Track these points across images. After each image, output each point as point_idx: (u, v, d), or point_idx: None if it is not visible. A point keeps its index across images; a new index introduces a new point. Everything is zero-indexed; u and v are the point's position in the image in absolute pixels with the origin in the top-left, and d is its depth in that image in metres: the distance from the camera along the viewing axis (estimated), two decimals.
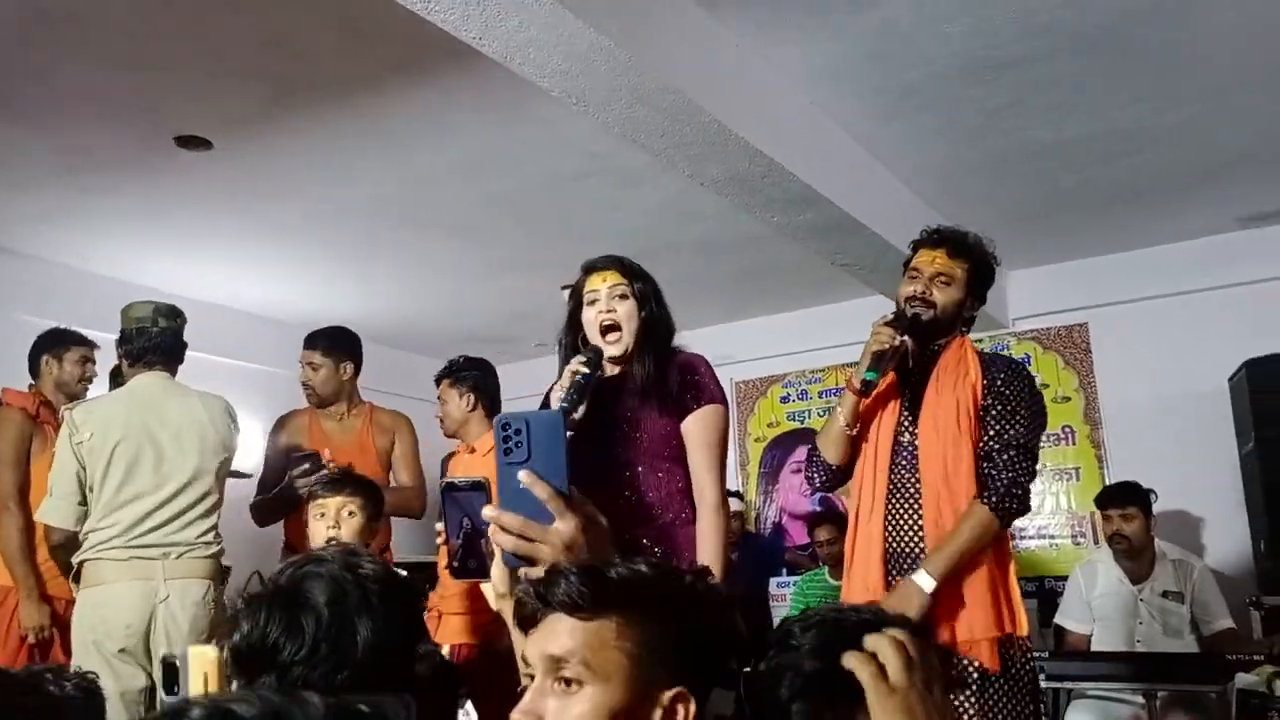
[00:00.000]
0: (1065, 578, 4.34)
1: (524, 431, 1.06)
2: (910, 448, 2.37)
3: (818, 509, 5.77)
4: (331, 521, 2.70)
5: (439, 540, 1.54)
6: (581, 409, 2.19)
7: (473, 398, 3.30)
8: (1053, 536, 5.15)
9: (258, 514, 3.50)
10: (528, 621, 1.07)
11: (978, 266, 2.45)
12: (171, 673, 1.48)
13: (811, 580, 4.96)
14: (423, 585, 1.63)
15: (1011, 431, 2.32)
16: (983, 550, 2.26)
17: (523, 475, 1.05)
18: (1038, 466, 2.37)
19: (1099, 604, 3.99)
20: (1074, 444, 5.20)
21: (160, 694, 1.76)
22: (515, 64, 2.57)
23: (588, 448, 2.32)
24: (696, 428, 2.34)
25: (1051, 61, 3.24)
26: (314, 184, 4.06)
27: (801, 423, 6.04)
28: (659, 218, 4.47)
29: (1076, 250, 5.10)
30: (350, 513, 2.72)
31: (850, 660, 0.99)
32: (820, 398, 5.97)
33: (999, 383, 2.36)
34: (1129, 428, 5.06)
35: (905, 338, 2.35)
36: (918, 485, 2.34)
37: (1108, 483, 4.75)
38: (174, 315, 3.18)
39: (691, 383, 2.36)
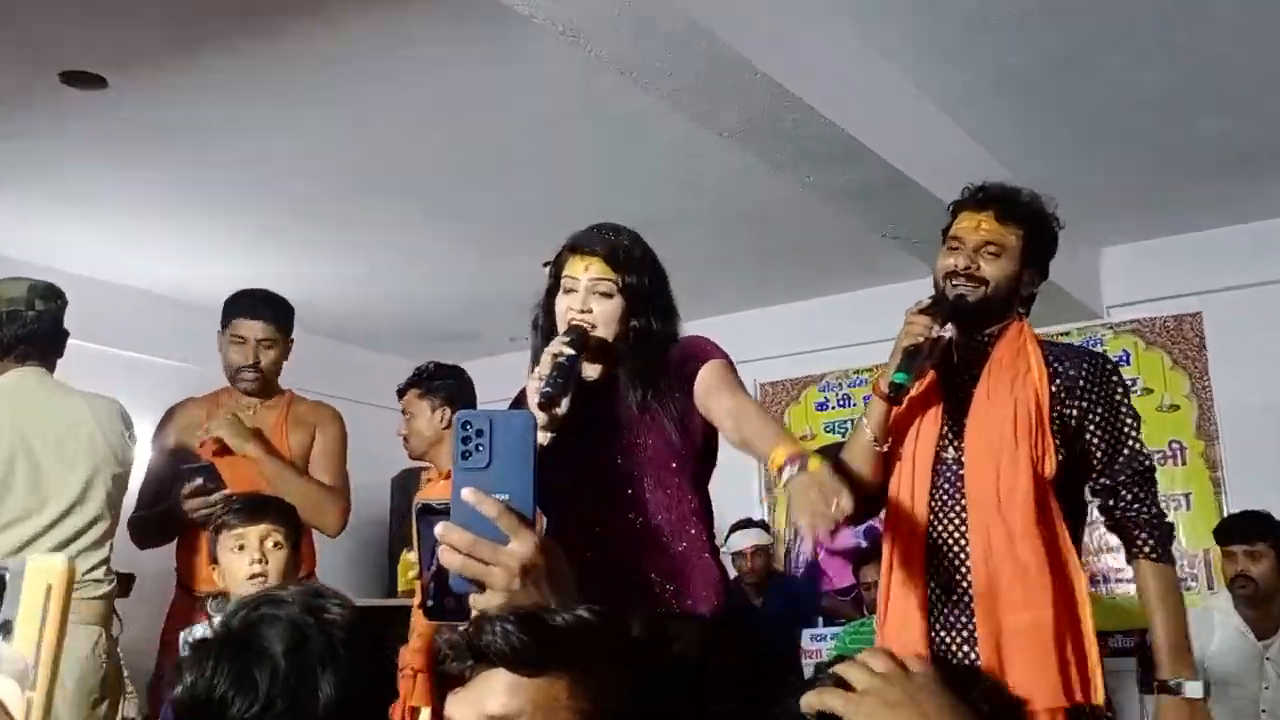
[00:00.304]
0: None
1: (486, 433, 1.10)
2: (955, 465, 2.36)
3: (864, 543, 5.78)
4: (255, 555, 2.72)
5: (412, 574, 1.57)
6: (566, 401, 2.18)
7: (447, 412, 3.30)
8: None
9: (137, 533, 3.50)
10: (452, 680, 1.09)
11: (1035, 231, 2.44)
12: None
13: (857, 633, 4.97)
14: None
15: (1126, 449, 2.34)
16: (1038, 595, 2.24)
17: (465, 493, 1.08)
18: None
19: (1215, 663, 4.00)
20: (1184, 464, 5.21)
21: None
22: None
23: (578, 454, 2.33)
24: (710, 380, 2.30)
25: None
26: (233, 134, 4.06)
27: (843, 434, 6.05)
28: (665, 181, 4.49)
29: (1187, 221, 5.11)
30: (276, 544, 2.75)
31: (811, 698, 0.99)
32: (866, 403, 5.98)
33: (1080, 380, 2.35)
34: (1253, 443, 5.06)
35: (946, 329, 2.34)
36: (963, 513, 2.33)
37: (1227, 512, 4.76)
38: (53, 296, 3.19)
39: (687, 355, 2.34)
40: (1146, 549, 2.30)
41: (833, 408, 6.12)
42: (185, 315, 5.63)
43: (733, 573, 5.35)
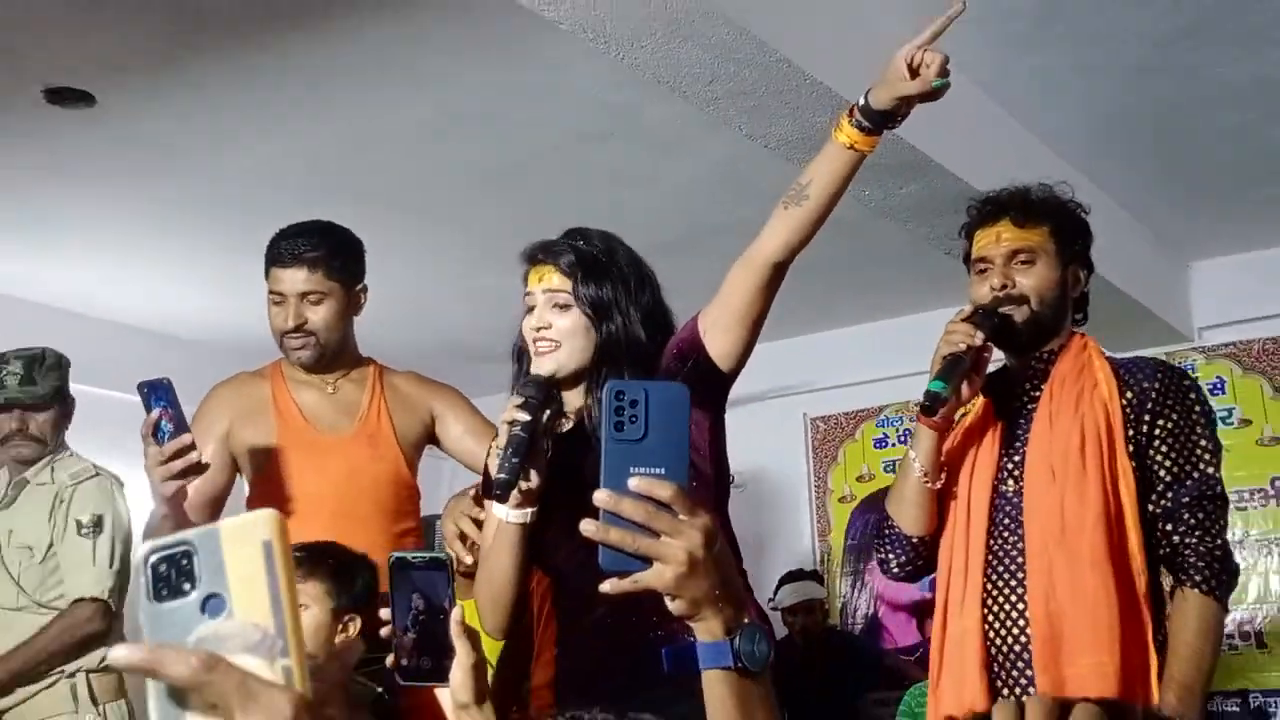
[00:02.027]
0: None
1: (641, 403, 1.14)
2: (1015, 499, 2.32)
3: (928, 594, 5.76)
4: None
5: (383, 631, 1.58)
6: (535, 477, 2.07)
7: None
8: (1261, 633, 5.11)
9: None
10: None
11: (1062, 223, 2.41)
12: None
13: (922, 697, 4.95)
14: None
15: (1197, 473, 2.28)
16: (1104, 636, 2.18)
17: (634, 483, 1.12)
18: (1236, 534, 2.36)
19: None
20: None
21: None
22: None
23: (573, 509, 2.21)
24: (703, 322, 2.21)
25: None
26: (228, 149, 4.12)
27: None
28: (703, 194, 4.51)
29: None
30: (301, 605, 2.70)
31: None
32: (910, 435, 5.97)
33: (1153, 394, 2.30)
34: None
35: (986, 340, 2.30)
36: (1022, 555, 2.29)
37: None
38: None
39: (671, 356, 2.21)
40: (1198, 578, 2.23)
41: (893, 444, 6.10)
42: (178, 349, 5.71)
43: (781, 630, 5.34)
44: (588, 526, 1.12)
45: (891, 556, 2.50)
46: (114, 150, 4.07)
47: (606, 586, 1.20)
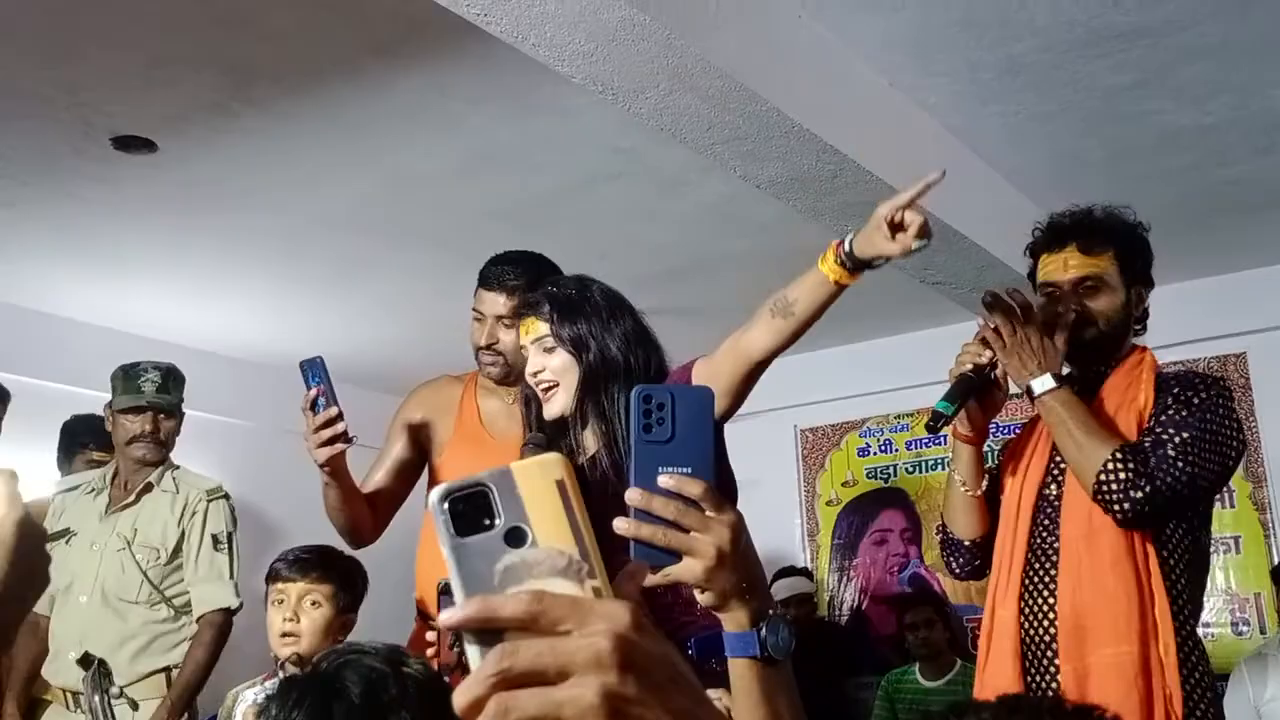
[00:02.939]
0: (1226, 677, 4.27)
1: (667, 406, 1.11)
2: (1056, 502, 2.29)
3: (907, 589, 5.74)
4: (289, 613, 2.72)
5: (430, 652, 1.59)
6: None
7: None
8: (1207, 624, 5.08)
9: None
10: None
11: (1126, 247, 2.35)
12: None
13: (899, 681, 4.92)
14: None
15: (1177, 439, 2.16)
16: (1124, 628, 2.15)
17: (664, 480, 1.10)
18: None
19: (1271, 709, 3.92)
20: (1232, 506, 5.13)
21: None
22: (528, 45, 2.62)
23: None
24: (703, 369, 2.22)
25: (1194, 26, 3.24)
26: (279, 191, 4.13)
27: (886, 480, 6.02)
28: (701, 228, 4.51)
29: (1231, 262, 5.08)
30: (314, 603, 2.74)
31: None
32: (909, 449, 5.95)
33: (1169, 400, 2.24)
34: None
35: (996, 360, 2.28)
36: (1058, 553, 2.26)
37: (1278, 554, 4.69)
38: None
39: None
40: (1126, 449, 2.14)
41: (875, 453, 6.09)
42: (232, 369, 5.72)
43: None
44: (620, 524, 1.10)
45: (952, 560, 2.50)
46: (174, 192, 4.08)
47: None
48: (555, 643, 0.65)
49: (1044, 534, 2.29)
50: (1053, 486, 2.32)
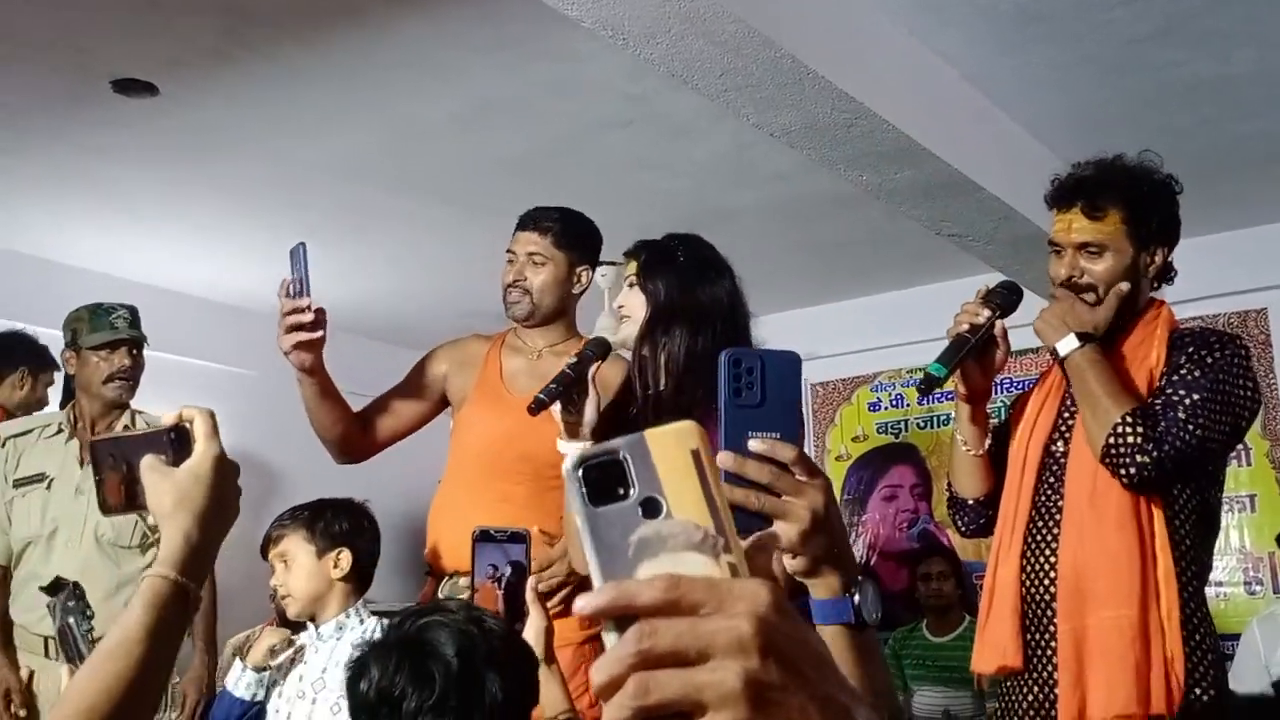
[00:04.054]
0: (1236, 637, 4.29)
1: (757, 371, 1.11)
2: (1062, 460, 2.27)
3: (916, 545, 5.75)
4: (279, 575, 2.74)
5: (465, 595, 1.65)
6: (590, 413, 2.28)
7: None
8: (1220, 584, 5.08)
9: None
10: None
11: (1136, 203, 2.30)
12: None
13: (907, 637, 4.94)
14: None
15: (1188, 400, 2.14)
16: (1125, 591, 2.13)
17: (755, 444, 1.10)
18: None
19: None
20: (1249, 464, 5.12)
21: None
22: None
23: None
24: None
25: None
26: (281, 138, 4.11)
27: (896, 435, 6.02)
28: (712, 177, 4.49)
29: (1251, 216, 5.04)
30: (284, 558, 2.75)
31: None
32: (920, 404, 5.94)
33: (1183, 359, 2.21)
34: None
35: (981, 316, 2.25)
36: (1062, 510, 2.24)
37: None
38: None
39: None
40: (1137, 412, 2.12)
41: (885, 408, 6.08)
42: (235, 318, 5.72)
43: None
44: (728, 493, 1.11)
45: (958, 519, 2.49)
46: (175, 137, 4.06)
47: None
48: (696, 624, 0.63)
49: (1049, 492, 2.28)
50: (1059, 444, 2.30)
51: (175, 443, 1.25)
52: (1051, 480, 2.28)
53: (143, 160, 4.25)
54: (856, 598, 1.15)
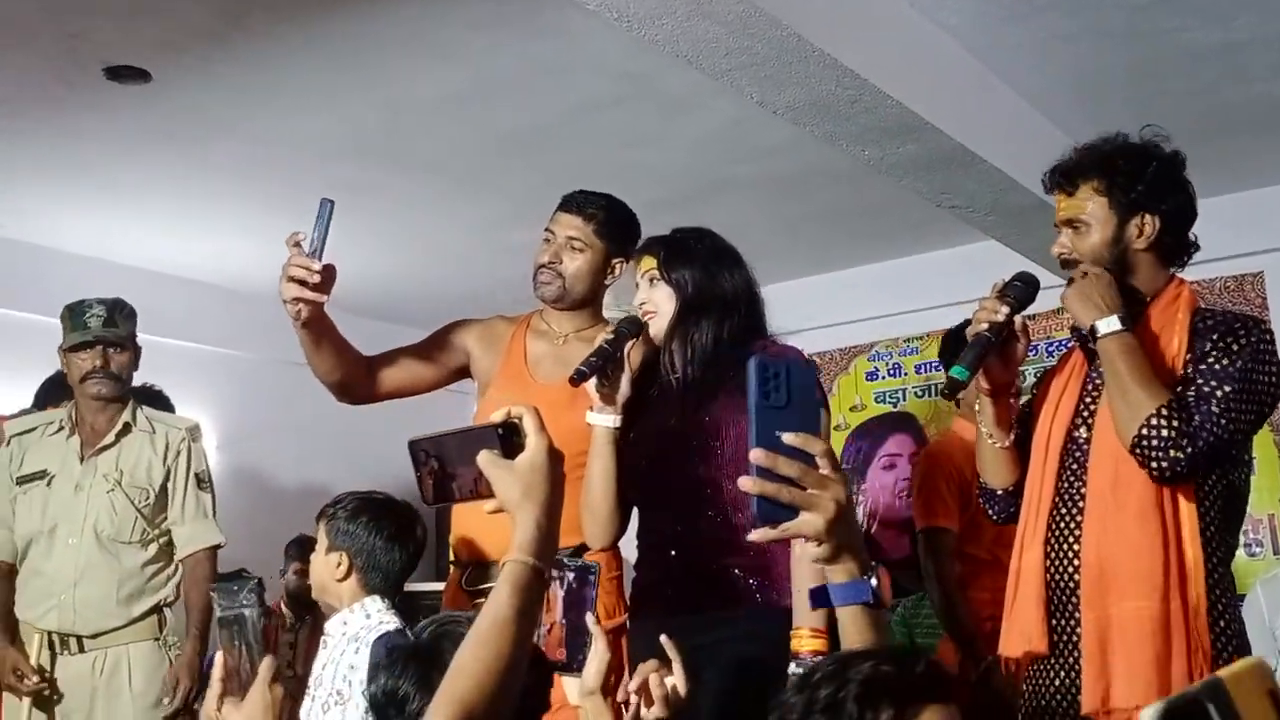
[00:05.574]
0: (1240, 598, 4.33)
1: (782, 376, 1.24)
2: (1085, 445, 2.26)
3: None
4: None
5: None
6: (624, 387, 2.39)
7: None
8: None
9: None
10: None
11: (1115, 173, 2.27)
12: None
13: (917, 608, 4.96)
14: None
15: (1219, 392, 2.12)
16: (1147, 582, 2.13)
17: (789, 437, 1.22)
18: None
19: None
20: None
21: None
22: None
23: (659, 460, 2.46)
24: None
25: None
26: (275, 120, 4.10)
27: (894, 405, 6.04)
28: (710, 151, 4.48)
29: (1248, 179, 5.04)
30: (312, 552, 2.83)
31: None
32: (918, 373, 5.96)
33: (1208, 346, 2.18)
34: None
35: (999, 313, 2.23)
36: (1084, 499, 2.23)
37: None
38: None
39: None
40: (1167, 412, 2.09)
41: (883, 377, 6.09)
42: (229, 301, 5.70)
43: None
44: (745, 482, 1.21)
45: (988, 508, 2.50)
46: (168, 122, 4.05)
47: (755, 535, 1.28)
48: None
49: (1071, 479, 2.28)
50: (1082, 430, 2.29)
51: (505, 438, 1.36)
52: (1074, 466, 2.27)
53: (136, 145, 4.23)
54: (874, 580, 1.28)
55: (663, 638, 1.98)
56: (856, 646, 1.30)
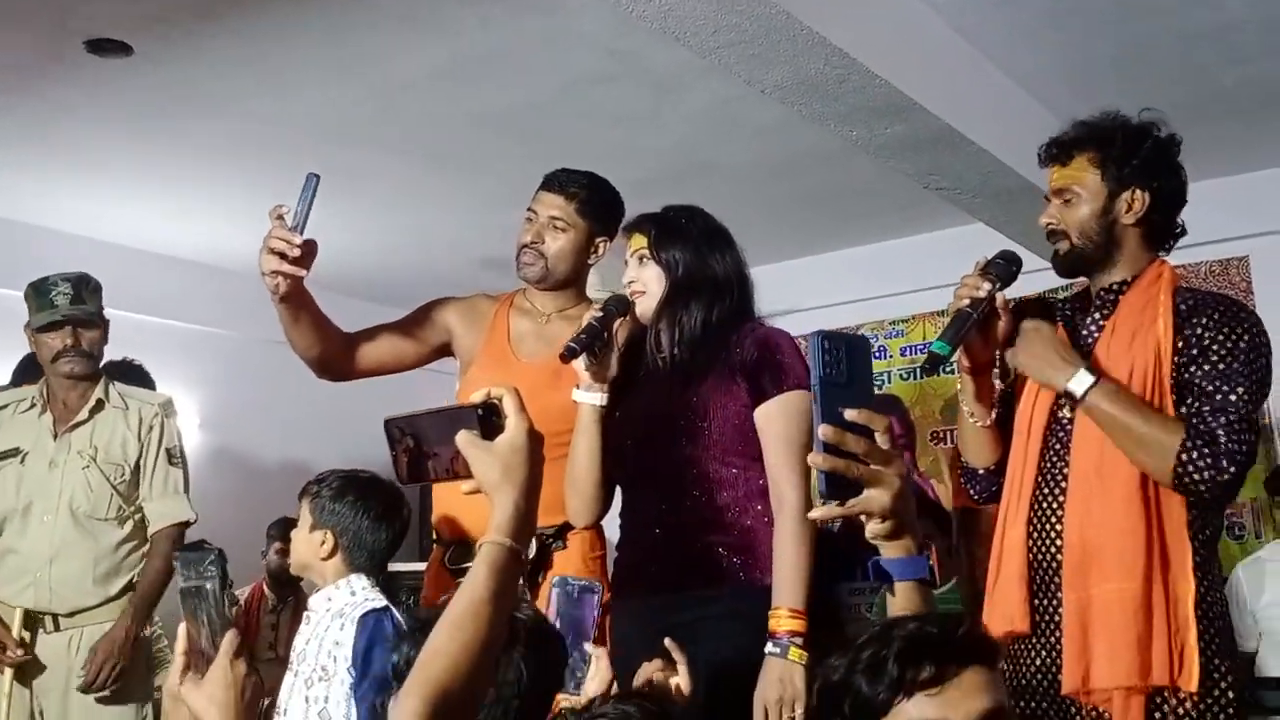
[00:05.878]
0: (1222, 581, 4.35)
1: (842, 352, 1.24)
2: (1069, 426, 2.24)
3: None
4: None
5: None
6: (614, 363, 2.39)
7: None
8: None
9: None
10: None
11: (1110, 146, 2.25)
12: None
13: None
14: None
15: (1232, 397, 2.11)
16: (1129, 564, 2.12)
17: (852, 414, 1.22)
18: None
19: (1268, 615, 4.00)
20: None
21: None
22: None
23: (644, 439, 2.43)
24: (776, 417, 2.36)
25: None
26: (261, 97, 4.07)
27: (879, 387, 6.03)
28: (697, 132, 4.47)
29: (1236, 163, 5.04)
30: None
31: None
32: (903, 355, 5.96)
33: (1200, 331, 2.16)
34: None
35: (982, 289, 2.20)
36: (1068, 477, 2.22)
37: (1276, 461, 4.75)
38: None
39: (771, 362, 2.38)
40: (1190, 442, 2.07)
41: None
42: (214, 279, 5.67)
43: None
44: (815, 458, 1.22)
45: (970, 487, 2.47)
46: (151, 97, 4.01)
47: (818, 513, 1.30)
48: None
49: (1054, 459, 2.26)
50: (1066, 409, 2.26)
51: (485, 418, 1.35)
52: (1057, 446, 2.26)
53: (117, 120, 4.20)
54: (931, 557, 1.26)
55: (667, 641, 1.98)
56: None
